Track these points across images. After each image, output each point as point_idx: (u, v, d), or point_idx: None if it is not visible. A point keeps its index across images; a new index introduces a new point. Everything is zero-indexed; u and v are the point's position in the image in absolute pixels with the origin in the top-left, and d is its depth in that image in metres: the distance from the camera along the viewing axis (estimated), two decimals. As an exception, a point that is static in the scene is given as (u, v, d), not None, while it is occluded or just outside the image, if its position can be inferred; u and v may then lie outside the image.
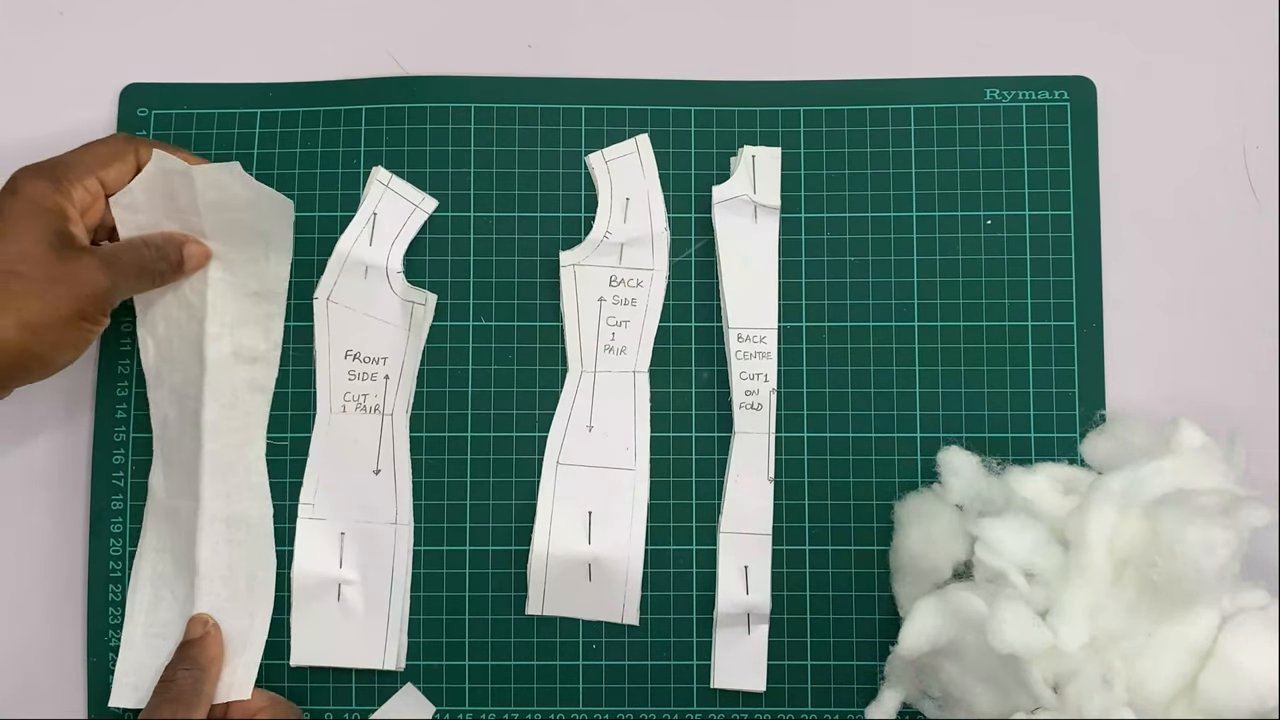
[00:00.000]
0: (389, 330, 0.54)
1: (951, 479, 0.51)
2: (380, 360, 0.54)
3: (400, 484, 0.53)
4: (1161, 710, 0.45)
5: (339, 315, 0.54)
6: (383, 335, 0.54)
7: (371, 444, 0.53)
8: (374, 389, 0.54)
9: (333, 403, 0.54)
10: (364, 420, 0.53)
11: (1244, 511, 0.46)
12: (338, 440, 0.53)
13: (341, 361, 0.54)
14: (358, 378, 0.53)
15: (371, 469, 0.53)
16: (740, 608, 0.52)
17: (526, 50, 0.56)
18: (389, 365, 0.54)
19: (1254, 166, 0.56)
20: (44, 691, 0.53)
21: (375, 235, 0.54)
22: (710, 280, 0.55)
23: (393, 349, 0.54)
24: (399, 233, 0.54)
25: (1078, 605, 0.46)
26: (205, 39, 0.57)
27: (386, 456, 0.53)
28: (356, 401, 0.53)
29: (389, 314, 0.54)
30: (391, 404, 0.53)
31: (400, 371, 0.54)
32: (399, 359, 0.54)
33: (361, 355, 0.54)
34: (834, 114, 0.55)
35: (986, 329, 0.54)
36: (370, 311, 0.54)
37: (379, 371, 0.54)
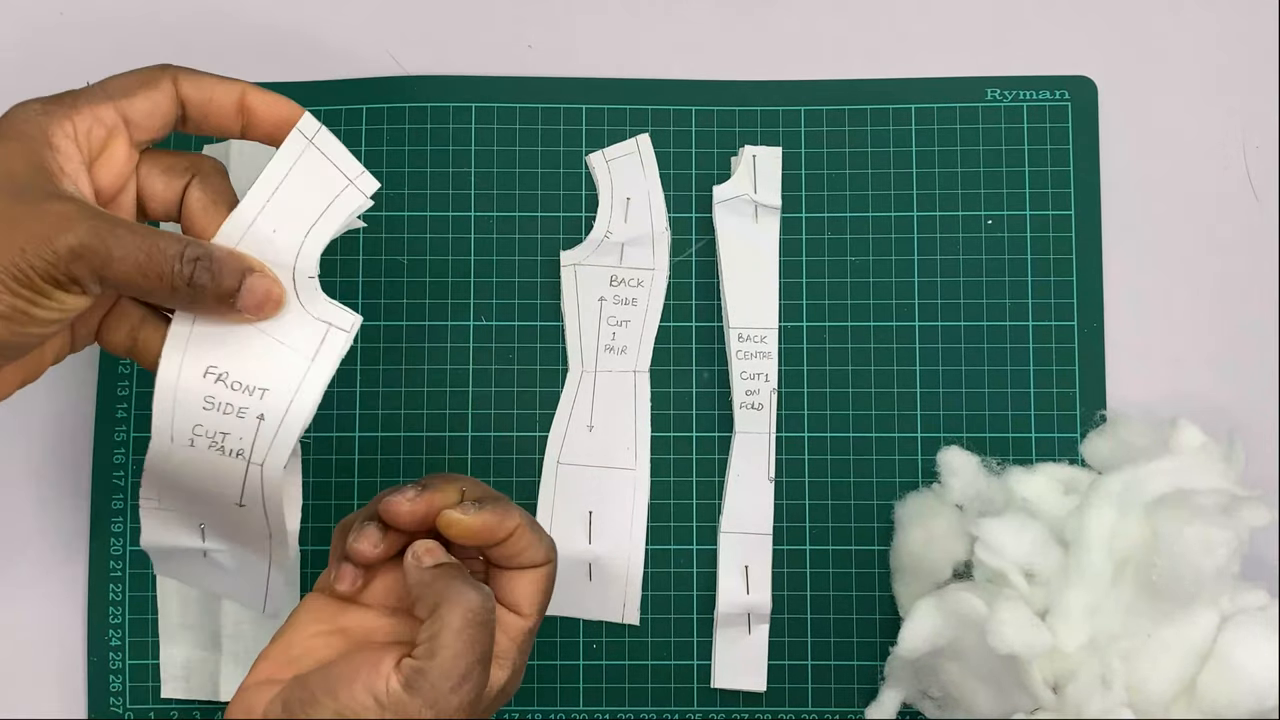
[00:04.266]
0: (280, 353, 0.39)
1: (951, 479, 0.51)
2: (256, 391, 0.39)
3: (273, 518, 0.40)
4: (1161, 710, 0.45)
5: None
6: (269, 358, 0.39)
7: (231, 484, 0.39)
8: (237, 428, 0.39)
9: (175, 431, 0.39)
10: (219, 461, 0.39)
11: (1243, 511, 0.46)
12: (182, 473, 0.40)
13: (196, 381, 0.39)
14: (215, 408, 0.39)
15: (234, 500, 0.40)
16: (740, 608, 0.52)
17: (526, 50, 0.56)
18: (268, 401, 0.39)
19: (1254, 166, 0.56)
20: (44, 691, 0.53)
21: (283, 217, 0.40)
22: (711, 280, 0.55)
23: (280, 380, 0.39)
24: (317, 220, 0.40)
25: (1077, 605, 0.46)
26: (205, 39, 0.57)
27: (252, 496, 0.40)
28: (211, 439, 0.39)
29: (285, 333, 0.39)
30: (263, 453, 0.39)
31: (284, 415, 0.39)
32: (286, 397, 0.39)
33: (229, 379, 0.39)
34: (834, 114, 0.55)
35: (986, 329, 0.54)
36: (259, 323, 0.39)
37: (251, 405, 0.39)
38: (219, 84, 0.40)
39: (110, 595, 0.53)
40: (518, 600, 0.43)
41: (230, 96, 0.40)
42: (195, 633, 0.53)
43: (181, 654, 0.53)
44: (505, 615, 0.43)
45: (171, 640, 0.53)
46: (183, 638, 0.53)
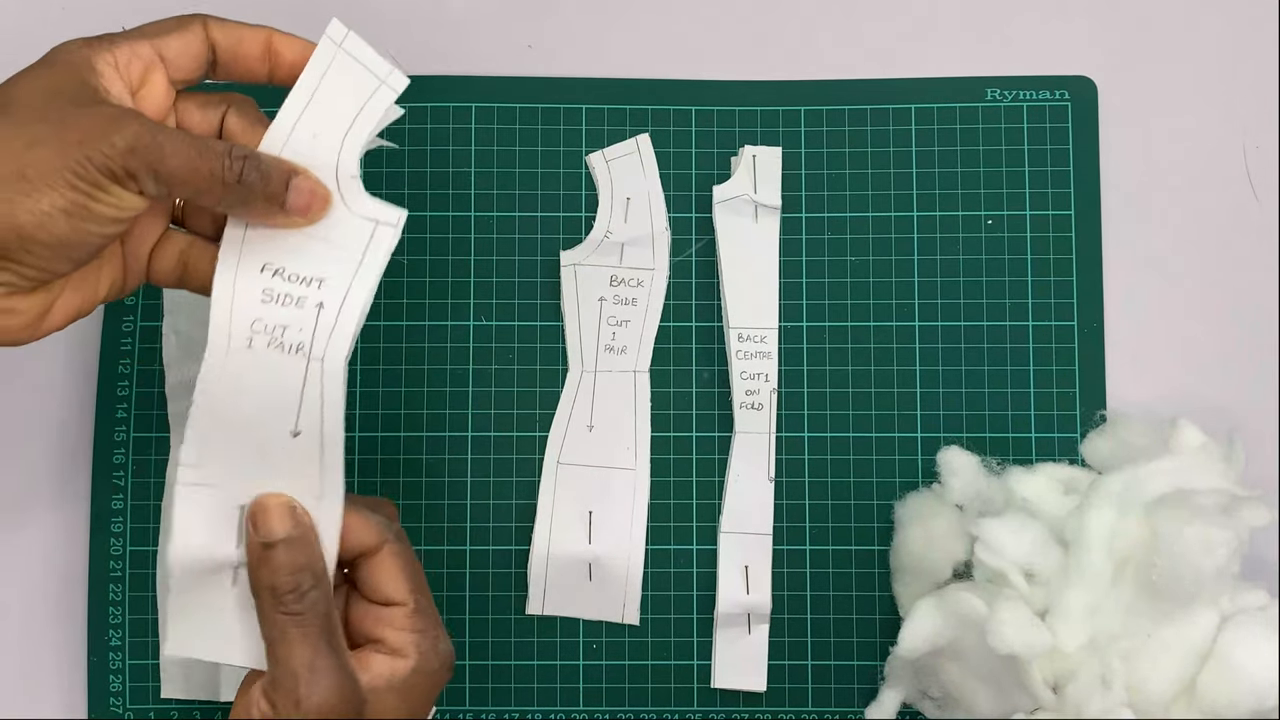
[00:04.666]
0: (332, 252, 0.40)
1: (951, 479, 0.51)
2: (314, 282, 0.40)
3: (329, 452, 0.40)
4: (1161, 710, 0.45)
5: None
6: (322, 256, 0.40)
7: (288, 396, 0.40)
8: (297, 318, 0.40)
9: (233, 333, 0.40)
10: (279, 362, 0.40)
11: (1243, 511, 0.46)
12: (238, 387, 0.40)
13: (254, 276, 0.40)
14: (273, 300, 0.40)
15: (288, 429, 0.40)
16: (740, 608, 0.52)
17: (526, 50, 0.56)
18: (325, 291, 0.40)
19: (1254, 166, 0.56)
20: (44, 691, 0.53)
21: (321, 121, 0.41)
22: (711, 280, 0.55)
23: (335, 272, 0.40)
24: (353, 121, 0.41)
25: (1077, 605, 0.46)
26: (205, 39, 0.57)
27: (310, 415, 0.40)
28: (270, 335, 0.40)
29: (333, 233, 0.40)
30: (324, 345, 0.40)
31: (342, 304, 0.40)
32: (340, 287, 0.40)
33: (286, 272, 0.40)
34: (834, 114, 0.55)
35: (987, 329, 0.54)
36: (306, 228, 0.41)
37: (310, 294, 0.40)
38: (246, 29, 0.42)
39: (110, 595, 0.53)
40: (383, 590, 0.42)
41: (258, 39, 0.42)
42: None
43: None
44: (381, 610, 0.42)
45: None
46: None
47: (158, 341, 0.54)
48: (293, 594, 0.39)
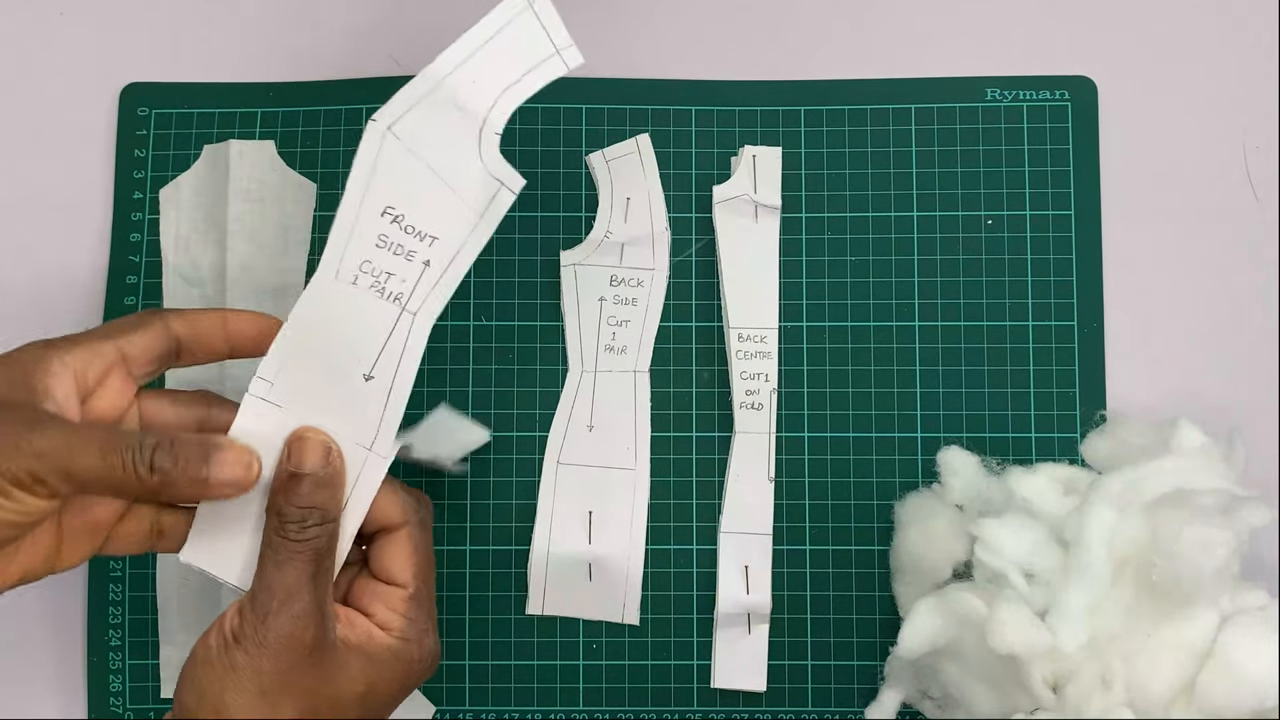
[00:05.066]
0: (454, 204, 0.41)
1: (951, 479, 0.51)
2: (427, 238, 0.41)
3: (392, 404, 0.42)
4: (1161, 710, 0.45)
5: (393, 154, 0.41)
6: (444, 207, 0.41)
7: (373, 339, 0.41)
8: (403, 270, 0.41)
9: (343, 265, 0.41)
10: (375, 306, 0.41)
11: (1243, 511, 0.46)
12: (332, 316, 0.41)
13: (374, 219, 0.40)
14: (387, 246, 0.41)
15: (363, 371, 0.41)
16: (740, 608, 0.52)
17: (527, 50, 0.56)
18: (436, 250, 0.41)
19: (1254, 166, 0.56)
20: (44, 691, 0.53)
21: (484, 70, 0.41)
22: (711, 280, 0.55)
23: (450, 231, 0.41)
24: (517, 81, 0.41)
25: (1077, 605, 0.46)
26: (205, 39, 0.57)
27: (387, 362, 0.41)
28: (374, 278, 0.41)
29: (462, 183, 0.41)
30: (420, 300, 0.41)
31: (448, 265, 0.41)
32: (453, 248, 0.41)
33: (404, 222, 0.40)
34: (834, 114, 0.55)
35: (987, 329, 0.54)
36: (439, 169, 0.41)
37: (420, 250, 0.41)
38: (201, 315, 0.43)
39: (110, 595, 0.53)
40: (389, 568, 0.43)
41: (214, 322, 0.43)
42: (195, 633, 0.52)
43: (181, 654, 0.53)
44: (382, 587, 0.43)
45: (171, 640, 0.53)
46: (183, 638, 0.53)
47: (158, 341, 0.54)
48: (296, 524, 0.40)
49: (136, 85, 0.56)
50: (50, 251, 0.55)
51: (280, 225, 0.54)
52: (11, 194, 0.56)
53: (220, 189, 0.54)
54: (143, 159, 0.55)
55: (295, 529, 0.40)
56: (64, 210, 0.55)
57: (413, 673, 0.42)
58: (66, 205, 0.55)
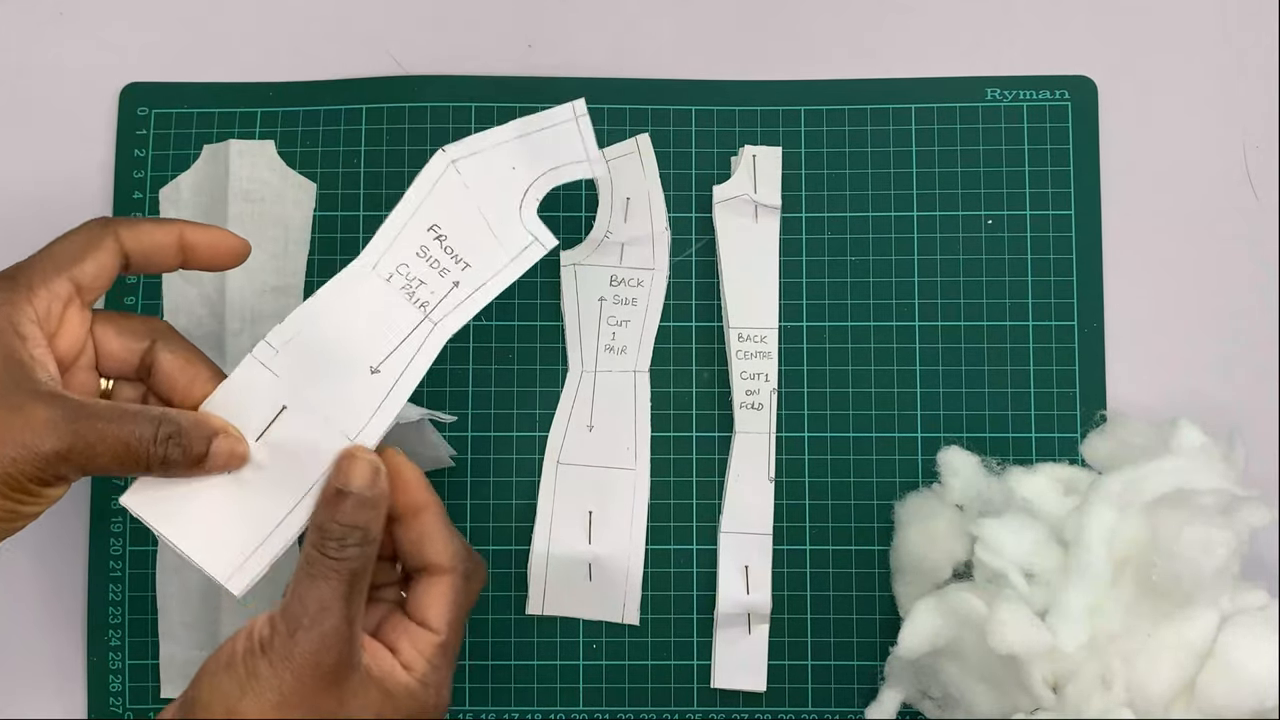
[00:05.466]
0: (490, 243, 0.44)
1: (951, 479, 0.51)
2: (462, 262, 0.44)
3: (390, 402, 0.43)
4: (1161, 710, 0.45)
5: (451, 184, 0.44)
6: (481, 242, 0.44)
7: (391, 336, 0.43)
8: (435, 283, 0.43)
9: (383, 261, 0.43)
10: (401, 305, 0.43)
11: (1243, 511, 0.46)
12: (359, 304, 0.43)
13: (421, 231, 0.43)
14: (425, 258, 0.43)
15: (371, 363, 0.43)
16: (740, 608, 0.52)
17: (526, 50, 0.56)
18: (466, 275, 0.44)
19: (1254, 166, 0.56)
20: (44, 691, 0.53)
21: (536, 149, 0.46)
22: (711, 280, 0.55)
23: (482, 263, 0.44)
24: (556, 168, 0.46)
25: (1077, 605, 0.46)
26: (205, 39, 0.57)
27: (397, 361, 0.43)
28: (407, 281, 0.43)
29: (501, 229, 0.45)
30: (444, 313, 0.43)
31: (474, 291, 0.44)
32: (481, 278, 0.44)
33: (446, 242, 0.43)
34: (834, 114, 0.55)
35: (987, 329, 0.54)
36: (485, 211, 0.44)
37: (453, 270, 0.43)
38: (158, 229, 0.43)
39: (110, 595, 0.53)
40: (424, 612, 0.42)
41: (169, 238, 0.43)
42: (195, 633, 0.53)
43: (181, 654, 0.53)
44: (414, 628, 0.42)
45: (171, 640, 0.53)
46: (183, 638, 0.53)
47: (158, 341, 0.54)
48: (336, 542, 0.40)
49: (136, 85, 0.56)
50: (50, 251, 0.55)
51: (280, 225, 0.54)
52: (11, 194, 0.56)
53: (220, 189, 0.54)
54: (143, 159, 0.55)
55: (335, 546, 0.40)
56: (64, 210, 0.55)
57: (426, 717, 0.42)
58: (67, 205, 0.55)
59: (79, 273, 0.41)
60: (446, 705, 0.43)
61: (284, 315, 0.53)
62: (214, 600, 0.52)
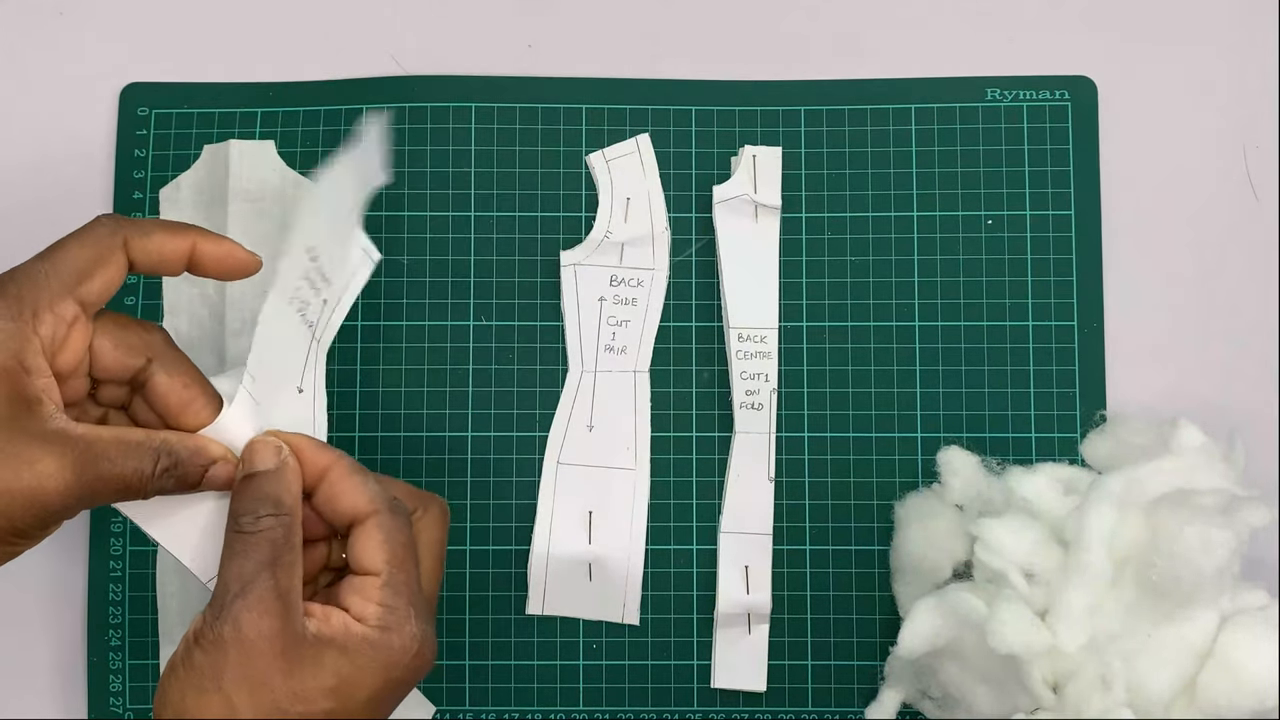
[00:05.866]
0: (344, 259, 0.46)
1: (951, 479, 0.51)
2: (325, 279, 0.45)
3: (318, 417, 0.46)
4: (1161, 710, 0.45)
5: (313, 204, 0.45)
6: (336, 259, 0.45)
7: (300, 356, 0.45)
8: (314, 303, 0.45)
9: (283, 286, 0.44)
10: (300, 327, 0.45)
11: (1243, 511, 0.46)
12: (281, 329, 0.45)
13: (300, 255, 0.44)
14: (308, 281, 0.44)
15: (296, 384, 0.46)
16: (740, 608, 0.52)
17: (526, 50, 0.56)
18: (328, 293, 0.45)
19: (1254, 166, 0.56)
20: (44, 692, 0.53)
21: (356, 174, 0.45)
22: (711, 280, 0.55)
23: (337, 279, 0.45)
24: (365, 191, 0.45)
25: (1077, 605, 0.46)
26: (205, 39, 0.57)
27: (309, 379, 0.46)
28: (300, 303, 0.44)
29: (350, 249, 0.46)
30: (320, 330, 0.46)
31: (336, 304, 0.46)
32: (337, 292, 0.46)
33: (318, 260, 0.44)
34: (834, 114, 0.55)
35: (987, 329, 0.54)
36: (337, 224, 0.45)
37: (321, 290, 0.45)
38: (169, 239, 0.42)
39: (110, 595, 0.53)
40: (360, 558, 0.41)
41: (181, 249, 0.43)
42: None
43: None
44: (356, 579, 0.41)
45: (171, 640, 0.53)
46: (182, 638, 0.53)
47: (158, 341, 0.54)
48: (250, 516, 0.40)
49: (136, 85, 0.56)
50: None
51: (280, 225, 0.54)
52: (11, 194, 0.56)
53: (220, 189, 0.54)
54: (143, 159, 0.55)
55: (249, 521, 0.40)
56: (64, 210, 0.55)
57: (396, 663, 0.40)
58: (67, 205, 0.55)
59: (86, 292, 0.41)
60: (423, 644, 0.41)
61: None
62: (214, 600, 0.52)
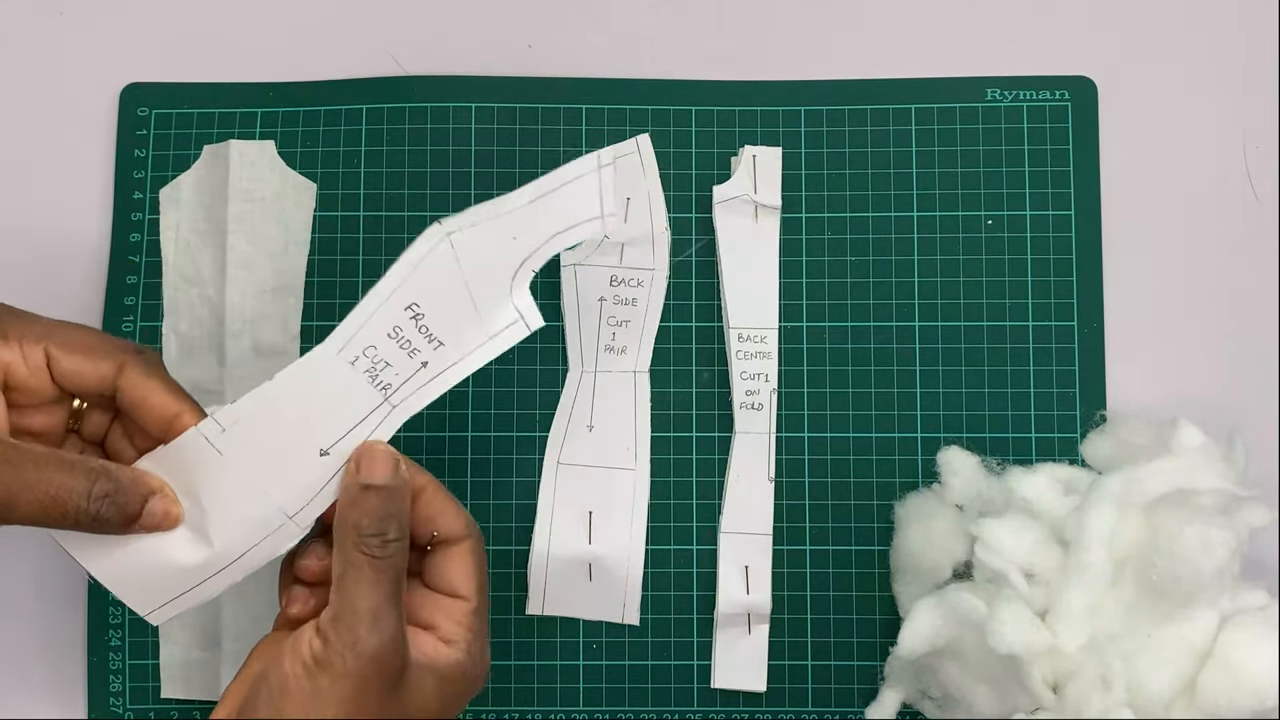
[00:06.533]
0: (471, 320, 0.43)
1: (951, 479, 0.51)
2: (435, 341, 0.42)
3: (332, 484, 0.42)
4: (1161, 710, 0.45)
5: (440, 259, 0.42)
6: (461, 320, 0.43)
7: (347, 419, 0.42)
8: (402, 365, 0.42)
9: (350, 344, 0.42)
10: (362, 389, 0.42)
11: (1243, 511, 0.46)
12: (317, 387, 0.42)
13: (397, 310, 0.42)
14: (397, 338, 0.42)
15: (321, 445, 0.42)
16: (740, 608, 0.52)
17: (526, 50, 0.56)
18: (438, 355, 0.43)
19: (1254, 166, 0.56)
20: (43, 692, 0.53)
21: (547, 212, 0.43)
22: (711, 280, 0.55)
23: (457, 342, 0.43)
24: (564, 230, 0.43)
25: (1077, 605, 0.46)
26: (205, 39, 0.57)
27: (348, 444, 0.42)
28: (373, 364, 0.42)
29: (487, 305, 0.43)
30: (404, 396, 0.43)
31: (441, 371, 0.43)
32: (453, 358, 0.43)
33: (421, 321, 0.42)
34: (834, 114, 0.55)
35: (987, 329, 0.54)
36: (472, 285, 0.43)
37: (424, 350, 0.42)
38: (163, 394, 0.41)
39: (110, 595, 0.53)
40: (451, 582, 0.42)
41: (166, 411, 0.41)
42: (195, 633, 0.53)
43: (181, 654, 0.53)
44: (445, 601, 0.42)
45: (171, 640, 0.53)
46: (183, 638, 0.53)
47: (158, 342, 0.54)
48: (377, 537, 0.40)
49: (136, 85, 0.56)
50: (50, 252, 0.55)
51: (280, 225, 0.54)
52: (11, 194, 0.56)
53: (220, 189, 0.54)
54: (143, 159, 0.55)
55: (378, 544, 0.39)
56: (64, 210, 0.55)
57: (474, 686, 0.42)
58: (67, 205, 0.55)
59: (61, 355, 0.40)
60: (489, 666, 0.43)
61: (284, 315, 0.54)
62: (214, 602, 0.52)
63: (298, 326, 0.54)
